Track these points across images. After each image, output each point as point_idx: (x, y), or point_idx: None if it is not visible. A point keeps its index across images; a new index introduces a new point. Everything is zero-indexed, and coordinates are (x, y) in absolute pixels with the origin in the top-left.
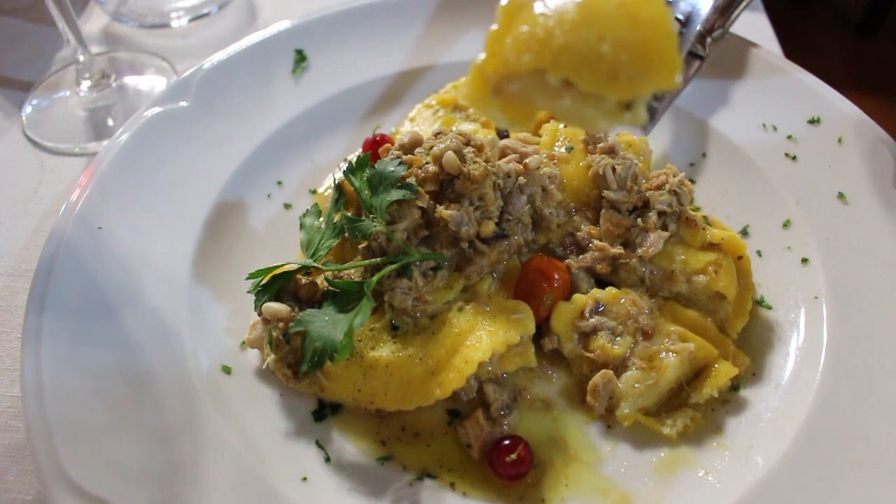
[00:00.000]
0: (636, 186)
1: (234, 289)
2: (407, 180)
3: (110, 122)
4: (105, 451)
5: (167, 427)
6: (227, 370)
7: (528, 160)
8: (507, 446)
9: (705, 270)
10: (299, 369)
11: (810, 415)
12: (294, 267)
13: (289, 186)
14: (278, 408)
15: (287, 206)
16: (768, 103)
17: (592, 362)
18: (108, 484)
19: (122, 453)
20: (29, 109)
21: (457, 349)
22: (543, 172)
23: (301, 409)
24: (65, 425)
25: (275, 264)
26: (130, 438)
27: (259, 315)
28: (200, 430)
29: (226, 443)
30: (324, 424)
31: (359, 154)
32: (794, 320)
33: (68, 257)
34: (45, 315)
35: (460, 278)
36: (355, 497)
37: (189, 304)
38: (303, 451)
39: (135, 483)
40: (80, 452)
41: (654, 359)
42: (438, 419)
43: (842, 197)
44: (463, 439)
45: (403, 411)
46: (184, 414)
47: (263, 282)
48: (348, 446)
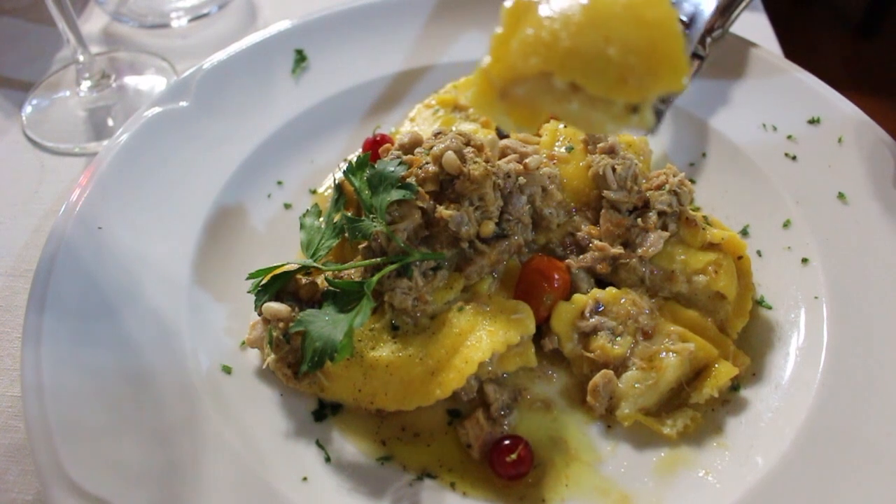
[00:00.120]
0: (636, 186)
1: (234, 289)
2: (407, 180)
3: (110, 122)
4: (105, 451)
5: (167, 427)
6: (227, 370)
7: (528, 160)
8: (507, 446)
9: (705, 270)
10: (299, 369)
11: (810, 415)
12: (294, 267)
13: (289, 186)
14: (278, 408)
15: (287, 206)
16: (768, 103)
17: (592, 362)
18: (108, 484)
19: (122, 453)
20: (29, 109)
21: (457, 349)
22: (543, 172)
23: (301, 409)
24: (65, 425)
25: (275, 264)
26: (130, 438)
27: (259, 315)
28: (200, 430)
29: (226, 443)
30: (324, 424)
31: (359, 154)
32: (794, 320)
33: (68, 257)
34: (45, 315)
35: (460, 278)
36: (355, 497)
37: (189, 304)
38: (303, 451)
39: (135, 483)
40: (80, 452)
41: (655, 359)
42: (438, 419)
43: (842, 197)
44: (463, 439)
45: (403, 411)
46: (184, 414)
47: (263, 282)
48: (348, 446)
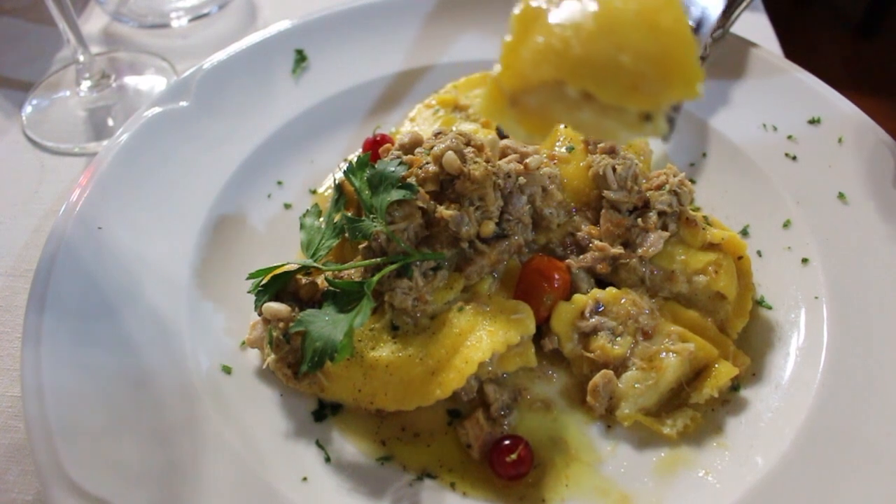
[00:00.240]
0: (636, 186)
1: (234, 289)
2: (407, 180)
3: (110, 122)
4: (105, 451)
5: (167, 427)
6: (227, 370)
7: (529, 160)
8: (507, 446)
9: (705, 270)
10: (299, 369)
11: (810, 415)
12: (294, 267)
13: (289, 186)
14: (278, 408)
15: (287, 206)
16: (768, 103)
17: (592, 362)
18: (108, 484)
19: (122, 453)
20: (29, 109)
21: (457, 349)
22: (543, 172)
23: (301, 409)
24: (65, 425)
25: (275, 264)
26: (130, 438)
27: (259, 315)
28: (200, 430)
29: (226, 443)
30: (324, 424)
31: (359, 154)
32: (794, 320)
33: (68, 257)
34: (45, 315)
35: (460, 278)
36: (355, 497)
37: (189, 304)
38: (303, 451)
39: (135, 483)
40: (80, 452)
41: (655, 359)
42: (438, 419)
43: (842, 197)
44: (463, 439)
45: (403, 411)
46: (184, 414)
47: (263, 282)
48: (348, 446)
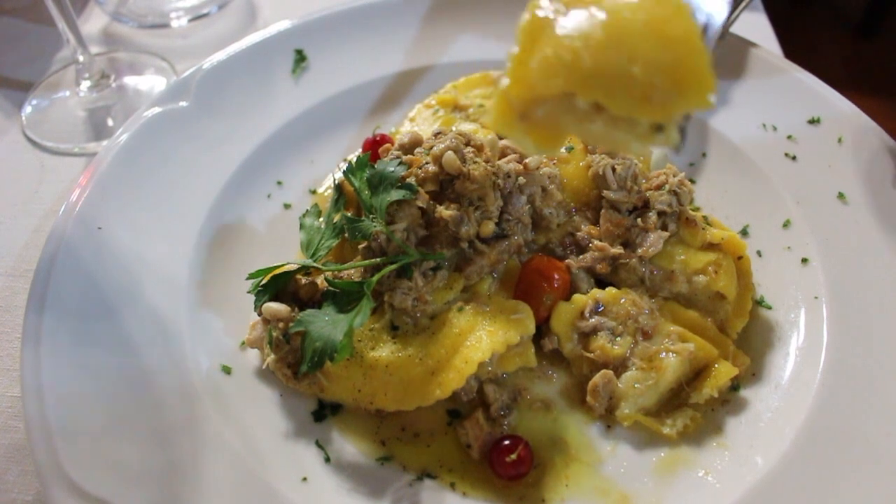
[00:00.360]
0: (636, 186)
1: (234, 289)
2: (407, 180)
3: (110, 122)
4: (105, 451)
5: (167, 427)
6: (227, 370)
7: (528, 160)
8: (507, 446)
9: (705, 270)
10: (299, 369)
11: (810, 415)
12: (294, 267)
13: (289, 186)
14: (278, 408)
15: (287, 206)
16: (768, 103)
17: (592, 362)
18: (108, 484)
19: (122, 453)
20: (29, 109)
21: (457, 349)
22: (543, 172)
23: (301, 409)
24: (65, 425)
25: (275, 264)
26: (130, 438)
27: (259, 315)
28: (200, 430)
29: (226, 443)
30: (324, 424)
31: (359, 154)
32: (794, 320)
33: (68, 257)
34: (45, 315)
35: (460, 278)
36: (355, 497)
37: (189, 304)
38: (303, 451)
39: (135, 483)
40: (80, 452)
41: (654, 359)
42: (438, 419)
43: (842, 197)
44: (463, 439)
45: (403, 411)
46: (184, 414)
47: (263, 282)
48: (348, 446)
